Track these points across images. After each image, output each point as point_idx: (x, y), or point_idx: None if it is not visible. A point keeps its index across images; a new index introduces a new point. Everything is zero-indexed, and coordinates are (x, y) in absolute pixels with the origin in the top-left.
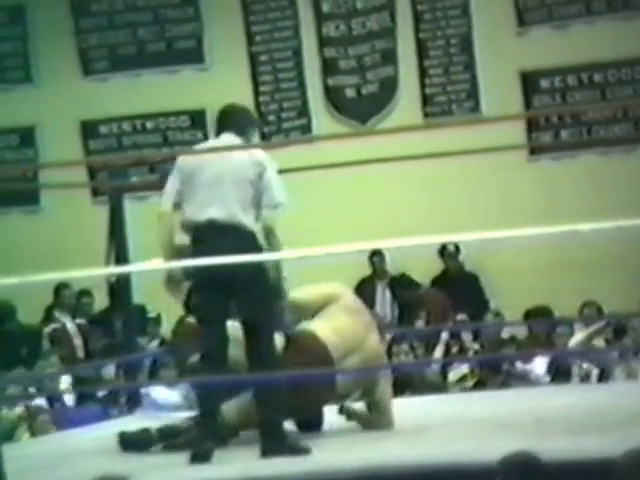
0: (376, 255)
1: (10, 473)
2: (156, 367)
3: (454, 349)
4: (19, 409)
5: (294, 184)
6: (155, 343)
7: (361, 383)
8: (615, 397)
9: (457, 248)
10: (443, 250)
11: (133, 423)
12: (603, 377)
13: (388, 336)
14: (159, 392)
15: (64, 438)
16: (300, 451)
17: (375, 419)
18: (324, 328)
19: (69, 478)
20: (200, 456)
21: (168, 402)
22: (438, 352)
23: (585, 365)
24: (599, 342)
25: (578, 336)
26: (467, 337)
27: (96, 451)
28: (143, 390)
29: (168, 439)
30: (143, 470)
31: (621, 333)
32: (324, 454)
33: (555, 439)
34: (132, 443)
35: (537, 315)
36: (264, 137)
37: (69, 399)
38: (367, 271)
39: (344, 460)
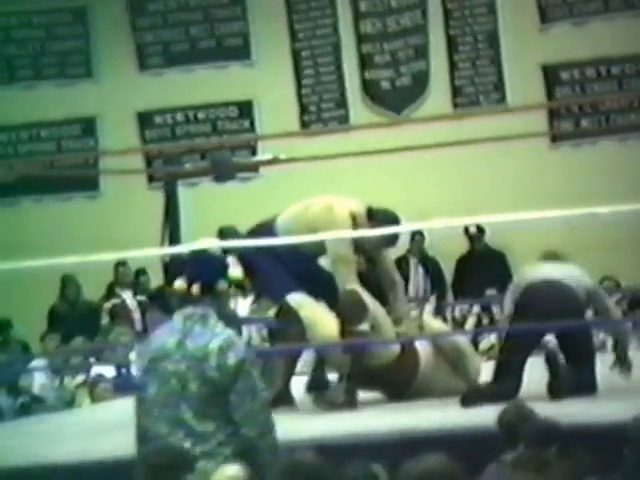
0: (417, 234)
1: (69, 437)
2: None
3: (485, 321)
4: (80, 378)
5: (332, 170)
6: None
7: None
8: None
9: (480, 229)
10: (467, 230)
11: None
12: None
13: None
14: None
15: (122, 405)
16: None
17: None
18: None
19: (123, 443)
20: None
21: None
22: (470, 323)
23: (601, 335)
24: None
25: None
26: (497, 310)
27: None
28: None
29: None
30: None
31: (636, 305)
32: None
33: (571, 404)
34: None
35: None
36: (305, 125)
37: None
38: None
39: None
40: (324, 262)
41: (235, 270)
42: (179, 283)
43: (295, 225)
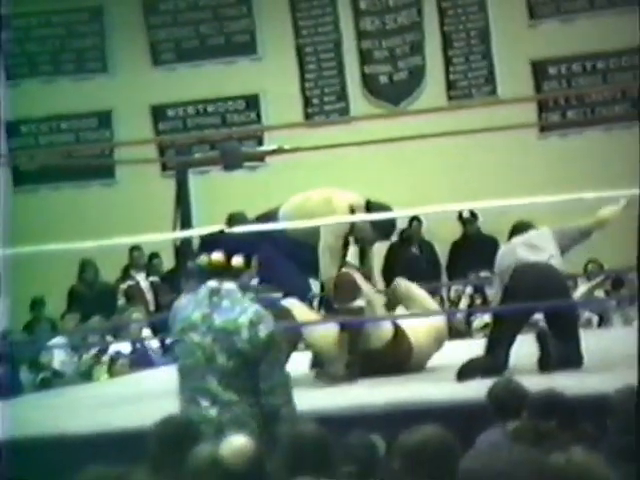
0: (415, 220)
1: (87, 409)
2: None
3: (477, 301)
4: (98, 354)
5: (334, 159)
6: None
7: None
8: (612, 341)
9: (473, 215)
10: (461, 216)
11: None
12: (602, 323)
13: None
14: None
15: (137, 378)
16: None
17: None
18: None
19: (138, 416)
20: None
21: None
22: (463, 304)
23: (587, 313)
24: (599, 293)
25: (582, 289)
26: (490, 291)
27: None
28: None
29: None
30: None
31: (619, 285)
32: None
33: (559, 377)
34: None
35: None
36: (308, 117)
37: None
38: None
39: (378, 395)
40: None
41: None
42: (217, 255)
43: (296, 215)
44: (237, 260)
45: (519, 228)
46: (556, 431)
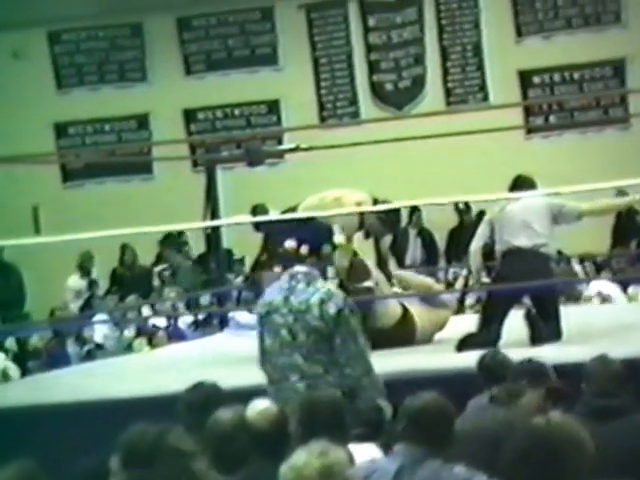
0: (416, 210)
1: (132, 377)
2: (241, 296)
3: (471, 282)
4: (137, 329)
5: (345, 157)
6: (240, 279)
7: None
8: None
9: (468, 206)
10: (457, 208)
11: (224, 339)
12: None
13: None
14: (242, 316)
15: (174, 350)
16: None
17: None
18: None
19: (174, 382)
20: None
21: (248, 323)
22: (459, 284)
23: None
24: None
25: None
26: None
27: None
28: (231, 314)
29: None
30: None
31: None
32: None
33: (542, 349)
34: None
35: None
36: (323, 120)
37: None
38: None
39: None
40: None
41: (339, 237)
42: (290, 243)
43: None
44: (304, 249)
45: (521, 184)
46: (529, 393)
